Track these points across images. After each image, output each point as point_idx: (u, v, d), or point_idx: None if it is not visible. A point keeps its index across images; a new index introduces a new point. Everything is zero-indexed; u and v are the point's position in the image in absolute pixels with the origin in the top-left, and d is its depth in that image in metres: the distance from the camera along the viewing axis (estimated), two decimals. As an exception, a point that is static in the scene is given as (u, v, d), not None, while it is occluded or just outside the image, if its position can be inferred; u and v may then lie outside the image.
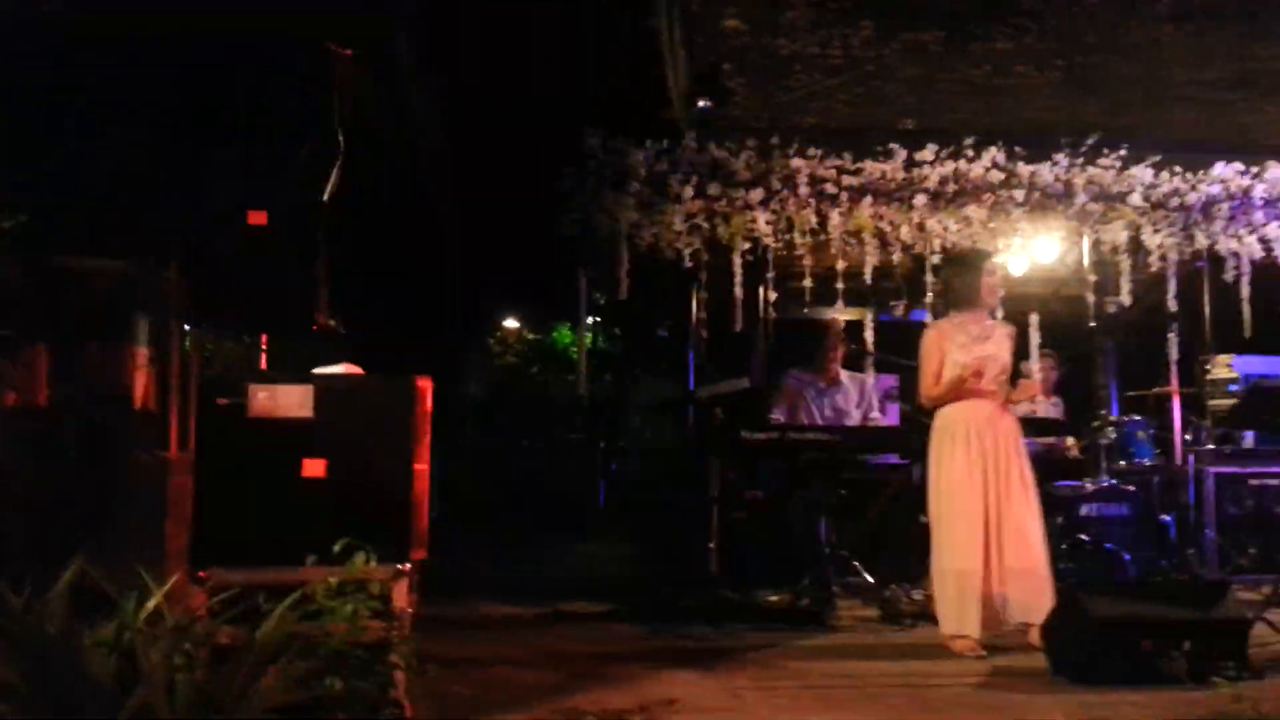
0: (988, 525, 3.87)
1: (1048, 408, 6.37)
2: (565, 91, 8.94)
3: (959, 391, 3.99)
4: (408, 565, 2.64)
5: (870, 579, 4.98)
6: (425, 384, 2.78)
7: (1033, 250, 5.65)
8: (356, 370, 3.11)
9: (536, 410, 15.39)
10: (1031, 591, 3.86)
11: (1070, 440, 6.20)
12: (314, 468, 2.67)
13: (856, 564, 5.13)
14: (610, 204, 5.32)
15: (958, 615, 3.84)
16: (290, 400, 2.69)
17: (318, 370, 2.94)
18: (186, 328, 3.23)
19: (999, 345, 4.12)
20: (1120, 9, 7.91)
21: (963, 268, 4.29)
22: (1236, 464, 6.15)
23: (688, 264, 5.42)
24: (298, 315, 3.15)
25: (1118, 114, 6.73)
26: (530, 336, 18.11)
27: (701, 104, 6.21)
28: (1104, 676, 3.30)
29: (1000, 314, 5.49)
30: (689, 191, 5.32)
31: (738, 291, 5.49)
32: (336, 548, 2.38)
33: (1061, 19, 7.84)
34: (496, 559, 7.42)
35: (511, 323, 18.63)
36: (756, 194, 5.35)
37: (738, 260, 5.47)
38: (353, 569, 2.35)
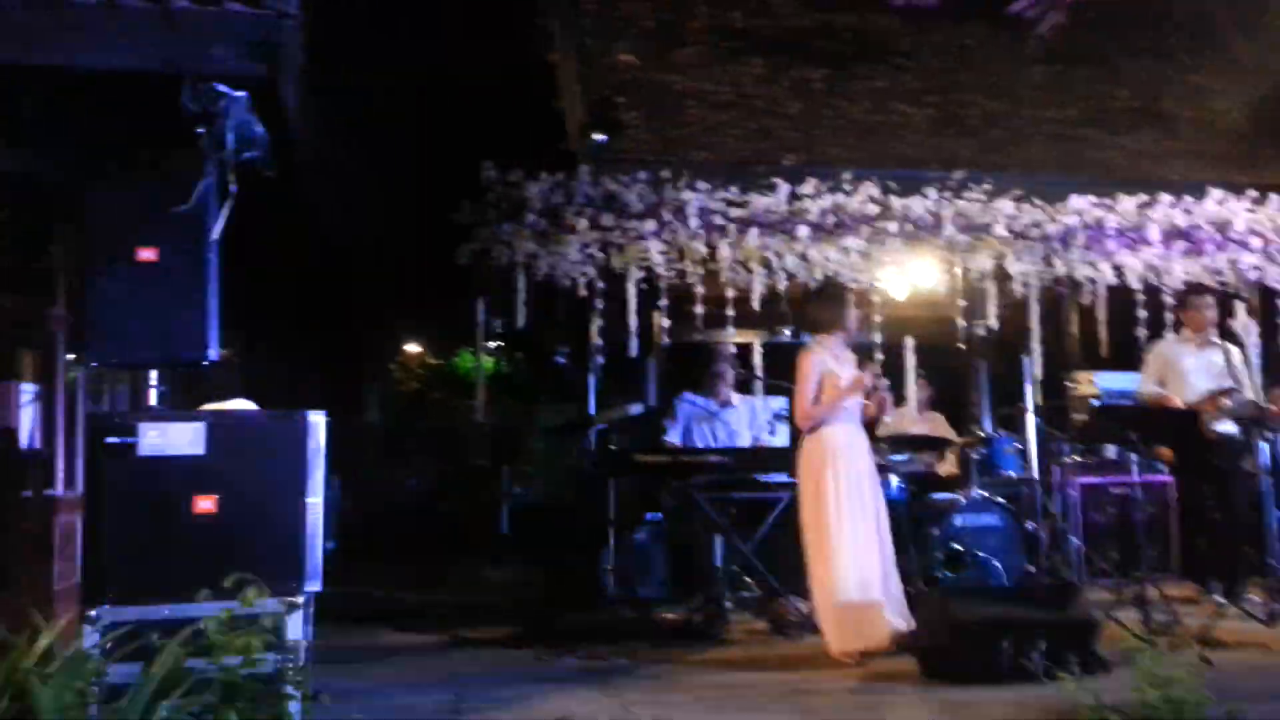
0: (859, 539, 4.12)
1: (923, 425, 6.74)
2: (466, 123, 9.06)
3: (834, 411, 4.24)
4: (300, 597, 2.70)
5: (761, 593, 5.18)
6: (317, 418, 2.85)
7: (911, 276, 6.00)
8: (250, 405, 3.15)
9: (439, 436, 15.29)
10: (897, 599, 4.13)
11: (951, 456, 6.57)
12: (205, 504, 2.71)
13: (748, 579, 5.33)
14: (507, 235, 5.45)
15: (839, 628, 4.07)
16: (181, 438, 2.72)
17: (208, 406, 2.97)
18: (76, 364, 3.23)
19: (855, 369, 4.40)
20: (991, 50, 8.49)
21: (827, 297, 4.55)
22: (1099, 474, 6.63)
23: (583, 292, 5.57)
24: (190, 351, 3.17)
25: (985, 150, 7.21)
26: (432, 362, 17.98)
27: (597, 137, 6.40)
28: (970, 676, 3.55)
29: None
30: (584, 222, 5.49)
31: (632, 318, 5.68)
32: (228, 582, 2.43)
33: (937, 59, 8.37)
34: (398, 587, 7.40)
35: (414, 348, 18.45)
36: (649, 225, 5.56)
37: (632, 288, 5.66)
38: (245, 603, 2.41)
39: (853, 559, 4.08)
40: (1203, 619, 4.40)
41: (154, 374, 3.46)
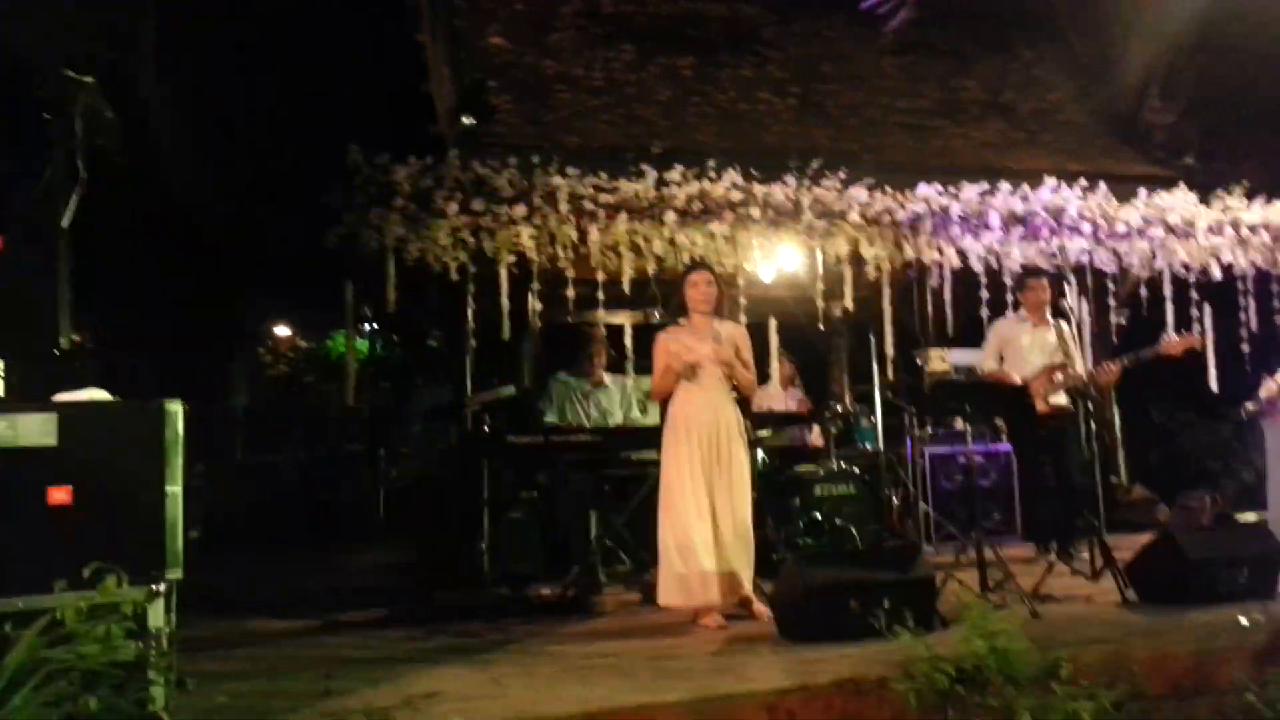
0: (711, 506, 4.34)
1: (788, 400, 7.06)
2: (336, 104, 8.89)
3: (671, 383, 4.43)
4: (162, 585, 2.70)
5: (633, 565, 5.38)
6: (174, 406, 2.83)
7: (779, 260, 6.25)
8: (104, 394, 3.10)
9: (313, 420, 14.97)
10: (747, 565, 4.39)
11: (816, 429, 6.91)
12: (60, 495, 2.67)
13: (622, 553, 5.52)
14: (376, 219, 5.43)
15: (670, 588, 4.29)
16: (32, 429, 2.68)
17: (61, 397, 2.92)
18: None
19: (722, 345, 4.56)
20: (851, 42, 8.90)
21: (679, 282, 4.71)
22: (948, 445, 7.10)
23: (455, 276, 5.60)
24: (40, 339, 3.10)
25: (843, 139, 7.58)
26: (303, 345, 17.55)
27: (466, 120, 6.42)
28: (821, 635, 3.80)
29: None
30: (454, 207, 5.51)
31: (505, 301, 5.75)
32: (87, 572, 2.43)
33: (799, 49, 8.72)
34: (272, 574, 7.29)
35: (284, 330, 17.94)
36: (520, 210, 5.63)
37: (504, 272, 5.73)
38: (104, 592, 2.41)
39: (693, 524, 4.30)
40: (1036, 576, 4.80)
41: (0, 364, 3.34)
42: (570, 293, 5.88)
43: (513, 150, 5.86)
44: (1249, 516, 7.54)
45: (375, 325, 12.37)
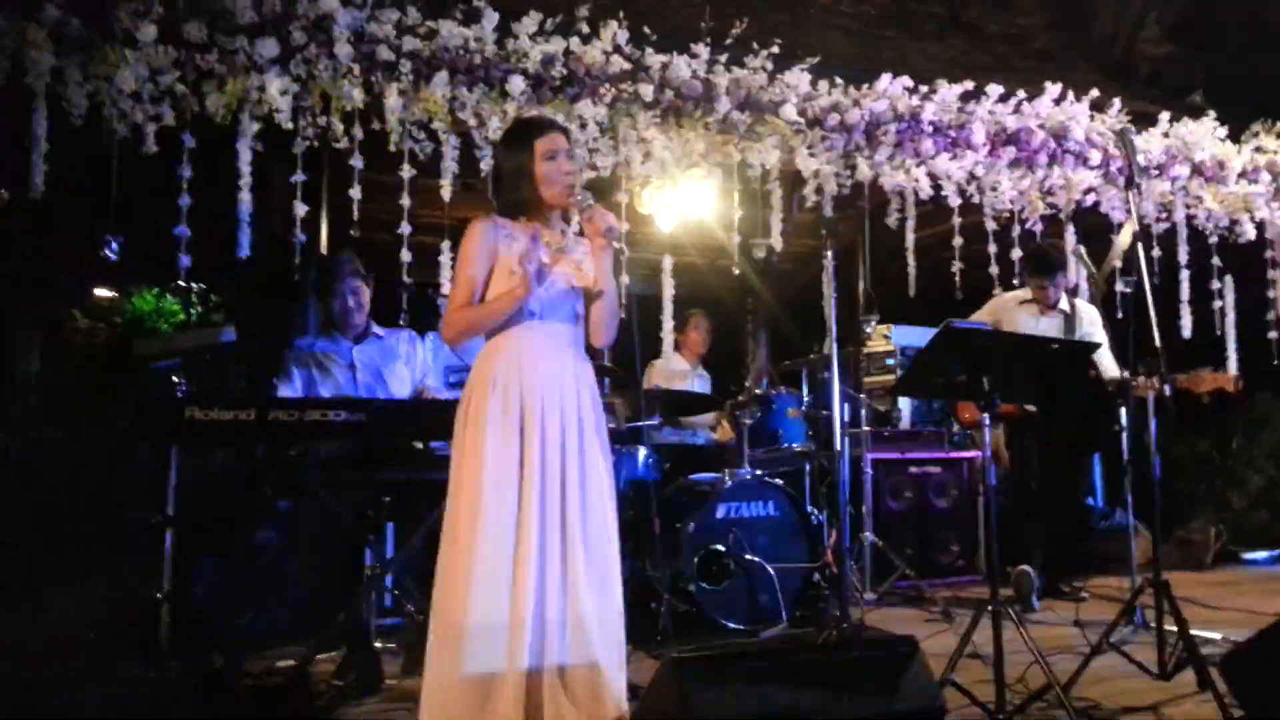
0: (530, 547, 2.30)
1: (689, 379, 5.12)
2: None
3: (497, 315, 2.40)
4: None
5: (418, 625, 3.32)
6: None
7: (679, 172, 4.26)
8: None
9: (114, 394, 12.38)
10: (599, 664, 2.34)
11: (723, 422, 5.01)
12: None
13: (410, 604, 3.45)
14: (9, 39, 3.25)
15: (477, 697, 2.25)
16: None
17: None
18: None
19: (581, 265, 2.54)
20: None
21: (508, 148, 2.61)
22: (895, 448, 5.26)
23: (153, 147, 3.46)
24: None
25: (766, 35, 5.66)
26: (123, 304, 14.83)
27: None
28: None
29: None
30: (151, 31, 3.36)
31: (245, 195, 3.64)
32: None
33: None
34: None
35: (105, 292, 15.18)
36: (266, 47, 3.50)
37: (244, 150, 3.61)
38: None
39: (508, 580, 2.27)
40: (1066, 658, 3.01)
41: None
42: (355, 193, 3.80)
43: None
44: (1258, 554, 6.00)
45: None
